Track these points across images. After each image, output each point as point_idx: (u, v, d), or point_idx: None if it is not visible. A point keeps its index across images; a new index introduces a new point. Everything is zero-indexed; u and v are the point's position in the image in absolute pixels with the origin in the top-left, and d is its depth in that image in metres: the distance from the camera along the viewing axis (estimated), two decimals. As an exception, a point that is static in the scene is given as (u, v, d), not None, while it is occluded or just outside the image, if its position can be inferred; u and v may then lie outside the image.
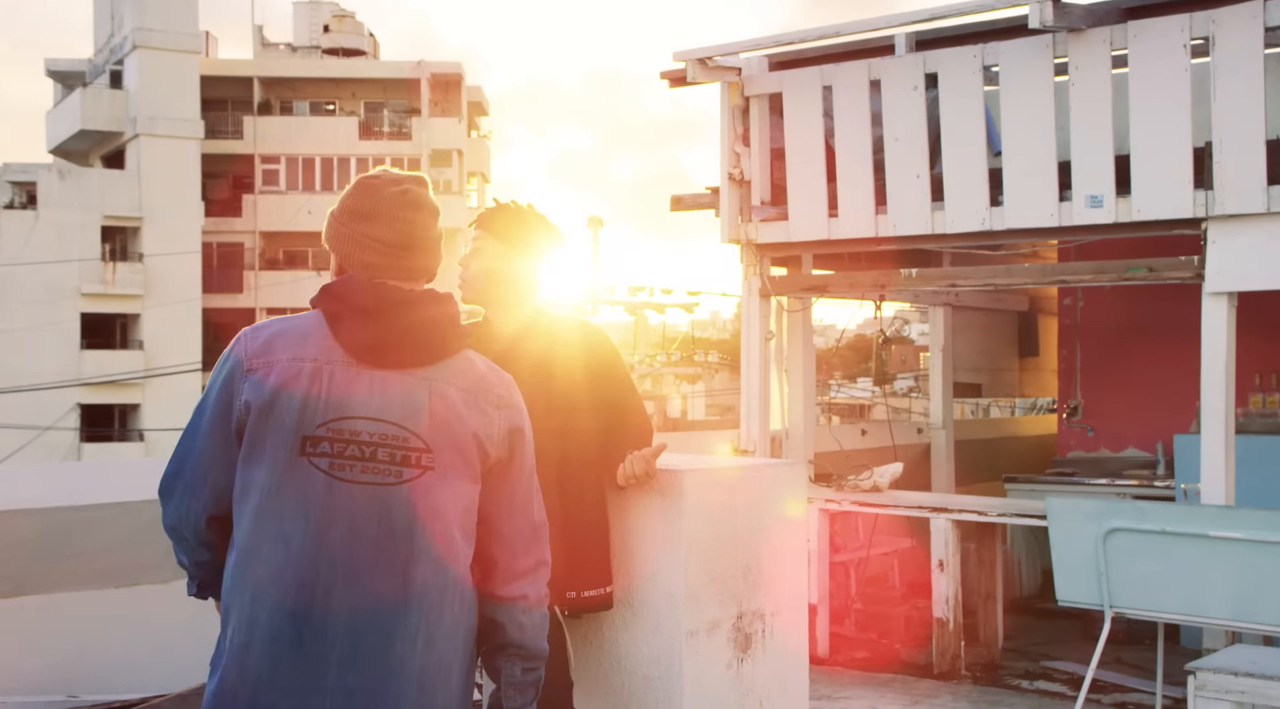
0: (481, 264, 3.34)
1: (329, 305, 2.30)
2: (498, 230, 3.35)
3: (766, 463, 3.74)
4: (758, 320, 6.85)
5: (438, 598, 2.26)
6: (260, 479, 2.19)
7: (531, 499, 2.51)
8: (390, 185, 2.37)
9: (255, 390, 2.19)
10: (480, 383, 2.38)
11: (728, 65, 6.66)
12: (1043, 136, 5.77)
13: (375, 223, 2.34)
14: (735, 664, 3.57)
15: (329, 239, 2.42)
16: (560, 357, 3.36)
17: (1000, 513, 6.21)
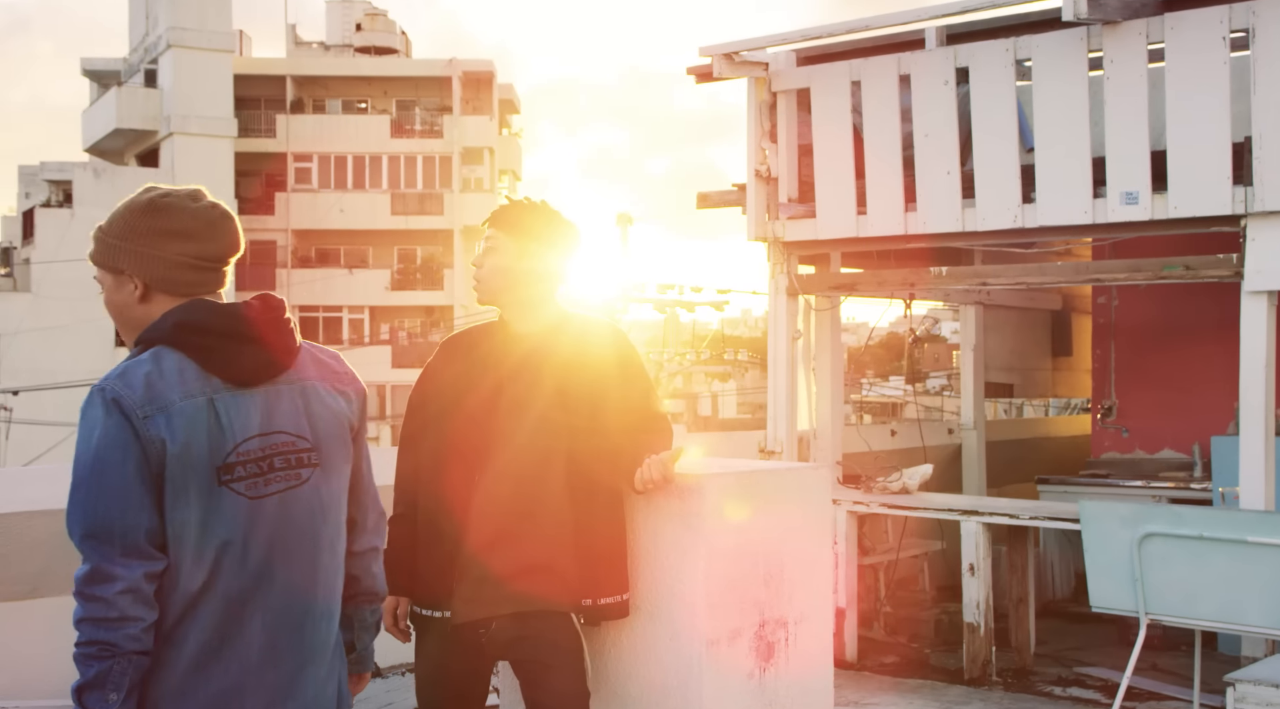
0: (496, 262, 3.26)
1: (192, 339, 2.29)
2: (511, 227, 3.27)
3: (789, 467, 3.65)
4: (785, 319, 6.75)
5: (335, 577, 2.43)
6: (191, 518, 2.21)
7: (364, 457, 2.62)
8: (191, 201, 2.38)
9: (167, 434, 2.20)
10: (328, 369, 2.50)
11: (755, 60, 6.55)
12: (1077, 132, 5.64)
13: (194, 240, 2.36)
14: (757, 674, 3.48)
15: (129, 264, 2.34)
16: (579, 357, 3.28)
17: (1033, 516, 6.08)
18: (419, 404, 3.39)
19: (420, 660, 3.32)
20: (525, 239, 3.25)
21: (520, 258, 3.24)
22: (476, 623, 3.18)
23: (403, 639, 3.34)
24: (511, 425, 3.22)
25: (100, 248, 2.36)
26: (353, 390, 2.52)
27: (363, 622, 2.64)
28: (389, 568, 3.32)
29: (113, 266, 2.35)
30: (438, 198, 40.88)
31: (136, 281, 2.34)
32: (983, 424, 8.46)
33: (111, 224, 2.36)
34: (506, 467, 3.21)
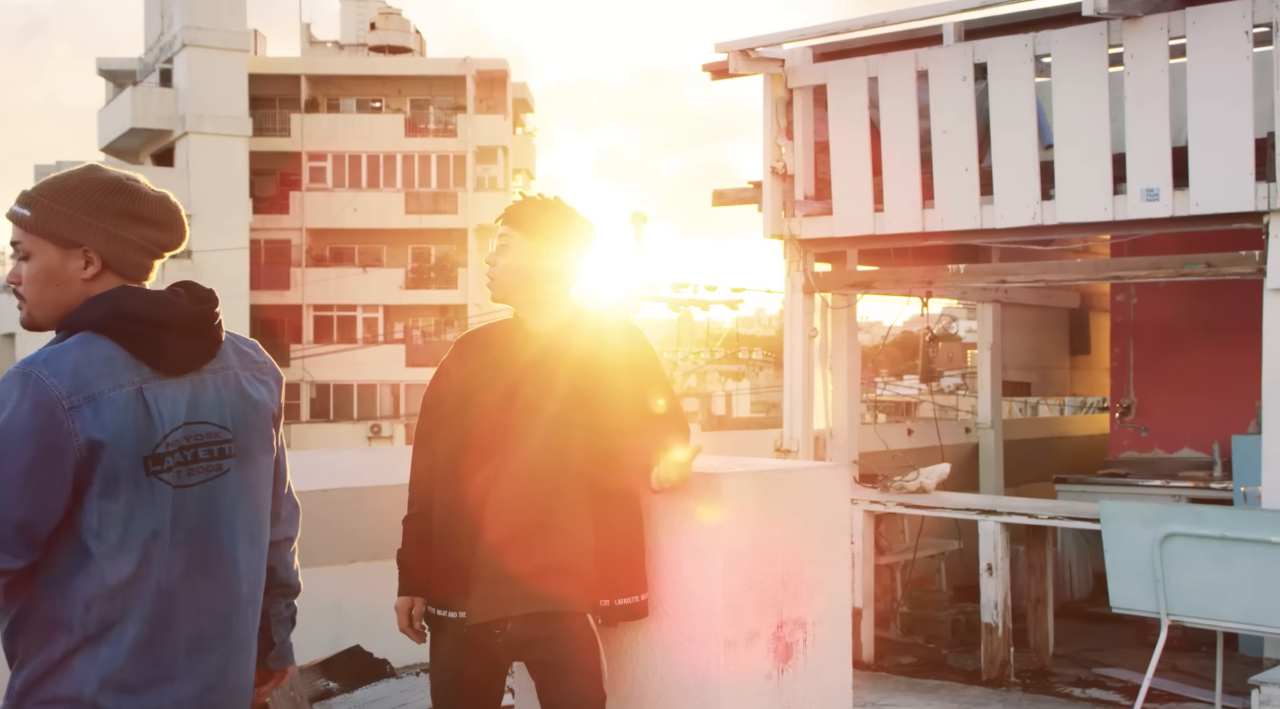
0: (509, 260, 3.23)
1: (127, 327, 2.26)
2: (525, 224, 3.23)
3: (808, 466, 3.61)
4: (801, 317, 6.70)
5: (258, 566, 2.43)
6: (117, 508, 2.19)
7: (282, 447, 2.63)
8: (150, 190, 2.39)
9: (94, 426, 2.16)
10: (249, 359, 2.49)
11: (771, 57, 6.51)
12: (1097, 128, 5.59)
13: (157, 228, 2.35)
14: (775, 675, 3.44)
15: (91, 240, 2.29)
16: (594, 356, 3.24)
17: (1051, 516, 6.03)
18: (433, 403, 3.36)
19: (435, 662, 3.29)
20: (539, 236, 3.21)
21: (534, 256, 3.21)
22: (492, 624, 3.15)
23: (418, 640, 3.31)
24: (526, 424, 3.19)
25: (52, 218, 2.27)
26: (273, 379, 2.52)
27: (279, 615, 2.62)
28: (404, 567, 3.30)
29: (65, 239, 2.28)
30: (452, 197, 40.89)
31: (94, 259, 2.29)
32: (1000, 423, 8.40)
33: (70, 196, 2.29)
34: (522, 466, 3.17)
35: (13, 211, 2.30)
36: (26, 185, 2.45)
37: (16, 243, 2.30)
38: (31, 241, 2.28)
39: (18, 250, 2.30)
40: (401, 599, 3.30)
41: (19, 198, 2.31)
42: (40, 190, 2.31)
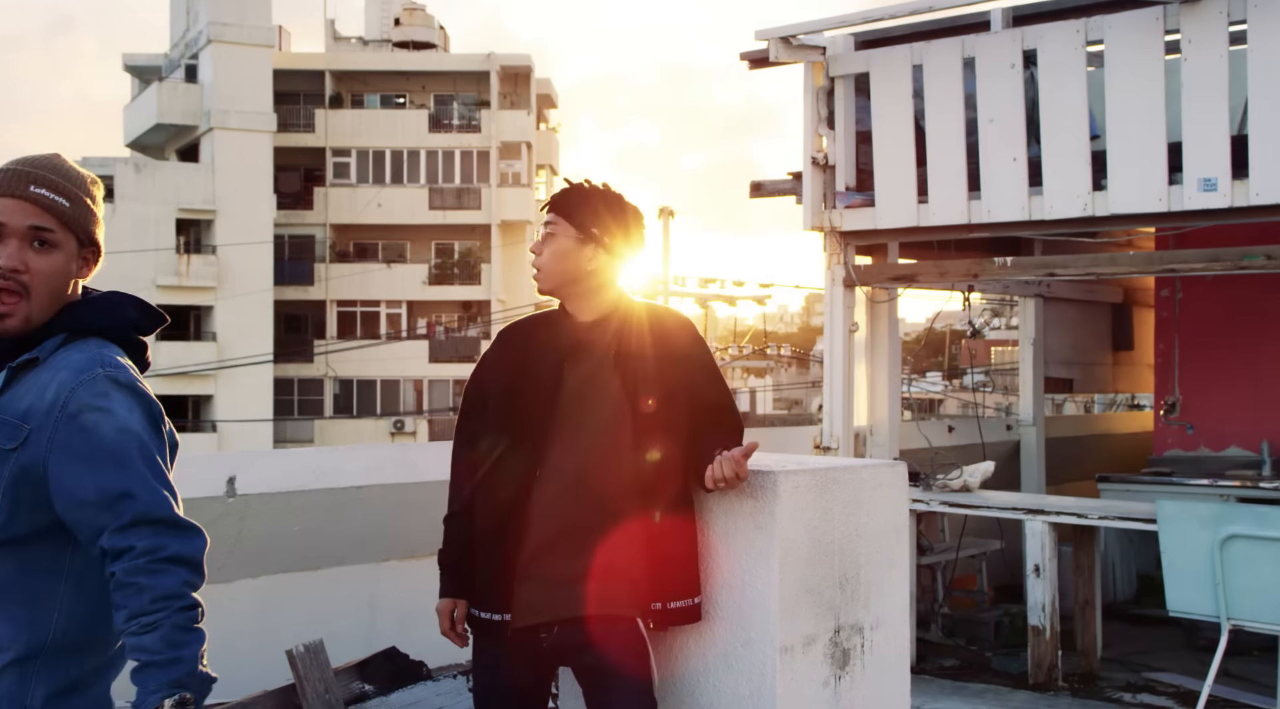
0: (556, 248, 3.09)
1: (133, 337, 2.29)
2: (571, 211, 3.09)
3: (865, 463, 3.45)
4: (841, 312, 6.55)
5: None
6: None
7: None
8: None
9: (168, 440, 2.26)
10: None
11: (812, 44, 6.35)
12: (1151, 116, 5.41)
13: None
14: (832, 683, 3.30)
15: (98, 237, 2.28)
16: (644, 347, 3.09)
17: (1102, 516, 5.85)
18: (475, 397, 3.22)
19: (478, 666, 3.16)
20: (586, 224, 3.07)
21: (581, 244, 3.06)
22: (538, 627, 3.01)
23: (460, 643, 3.18)
24: (574, 419, 3.05)
25: (85, 214, 2.22)
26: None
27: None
28: (445, 568, 3.17)
29: (87, 235, 2.23)
30: (475, 193, 40.84)
31: (90, 258, 2.25)
32: (1042, 420, 8.22)
33: (89, 192, 2.23)
34: (569, 462, 3.03)
35: (47, 198, 2.17)
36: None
37: (43, 230, 2.16)
38: (59, 233, 2.18)
39: (43, 238, 2.16)
40: (443, 601, 3.16)
41: (46, 182, 2.19)
42: (69, 179, 2.21)
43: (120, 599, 2.12)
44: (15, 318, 2.14)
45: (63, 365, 2.16)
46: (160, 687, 2.07)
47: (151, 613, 2.10)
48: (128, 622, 2.10)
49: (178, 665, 2.10)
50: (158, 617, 2.10)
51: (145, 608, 2.10)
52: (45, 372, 2.16)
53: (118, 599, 2.12)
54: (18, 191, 2.17)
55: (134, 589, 2.10)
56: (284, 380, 38.88)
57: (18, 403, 2.15)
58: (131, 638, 2.10)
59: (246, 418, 35.04)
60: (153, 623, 2.09)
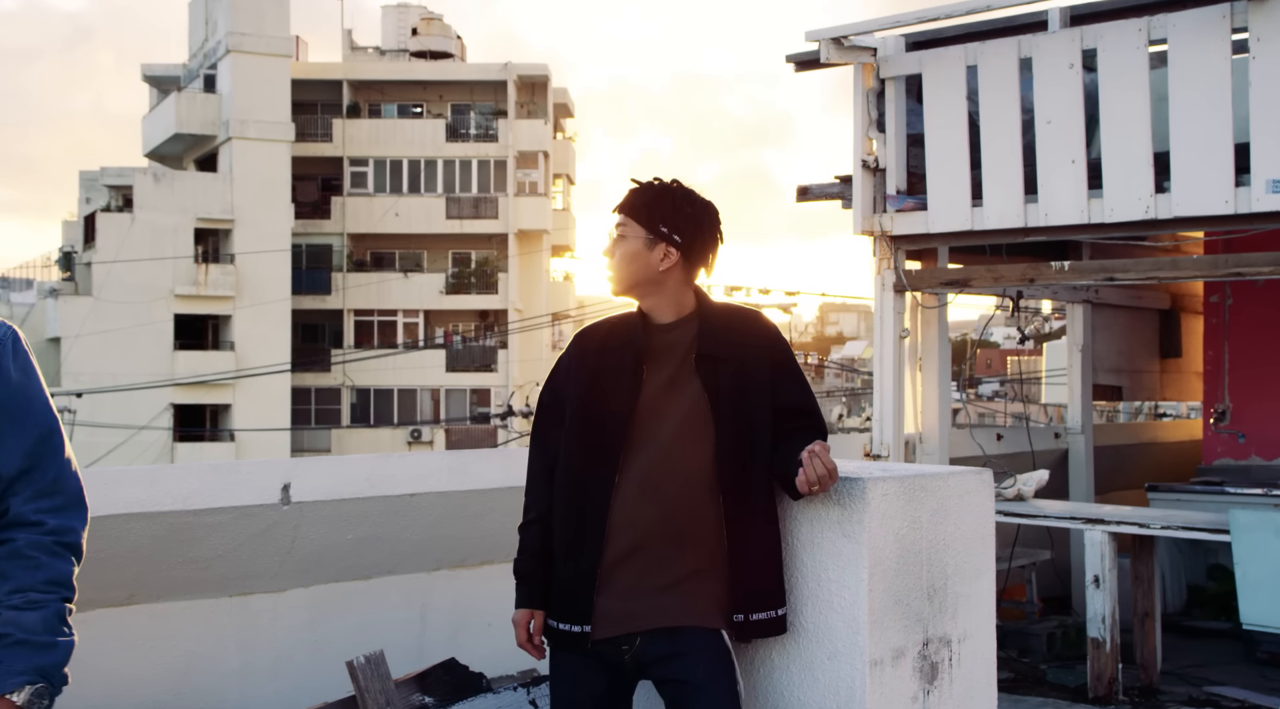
0: (628, 250, 2.98)
1: None
2: (641, 212, 2.98)
3: (951, 471, 3.34)
4: (892, 317, 6.44)
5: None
6: None
7: None
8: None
9: None
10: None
11: (863, 46, 6.25)
12: (1217, 116, 5.29)
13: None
14: (921, 697, 3.18)
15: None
16: (724, 349, 2.99)
17: (1164, 525, 5.72)
18: (551, 402, 3.12)
19: (556, 679, 3.05)
20: (656, 223, 2.97)
21: (653, 245, 2.96)
22: (619, 639, 2.91)
23: (537, 655, 3.07)
24: (653, 424, 2.95)
25: None
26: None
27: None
28: (522, 578, 3.06)
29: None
30: (492, 202, 40.83)
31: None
32: (1090, 428, 8.09)
33: None
34: (650, 468, 2.93)
35: None
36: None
37: None
38: None
39: None
40: (519, 612, 3.06)
41: None
42: None
43: (9, 568, 2.07)
44: None
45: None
46: (28, 669, 2.01)
47: (42, 592, 2.06)
48: (10, 594, 2.05)
49: (51, 652, 2.05)
50: (46, 598, 2.06)
51: (36, 585, 2.06)
52: None
53: (4, 566, 2.07)
54: None
55: (31, 563, 2.06)
56: (301, 390, 38.88)
57: None
58: (9, 610, 2.04)
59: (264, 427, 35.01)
60: (39, 602, 2.05)
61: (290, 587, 4.51)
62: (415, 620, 4.92)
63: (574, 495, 2.97)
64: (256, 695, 4.45)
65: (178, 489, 4.14)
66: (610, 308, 21.72)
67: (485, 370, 40.36)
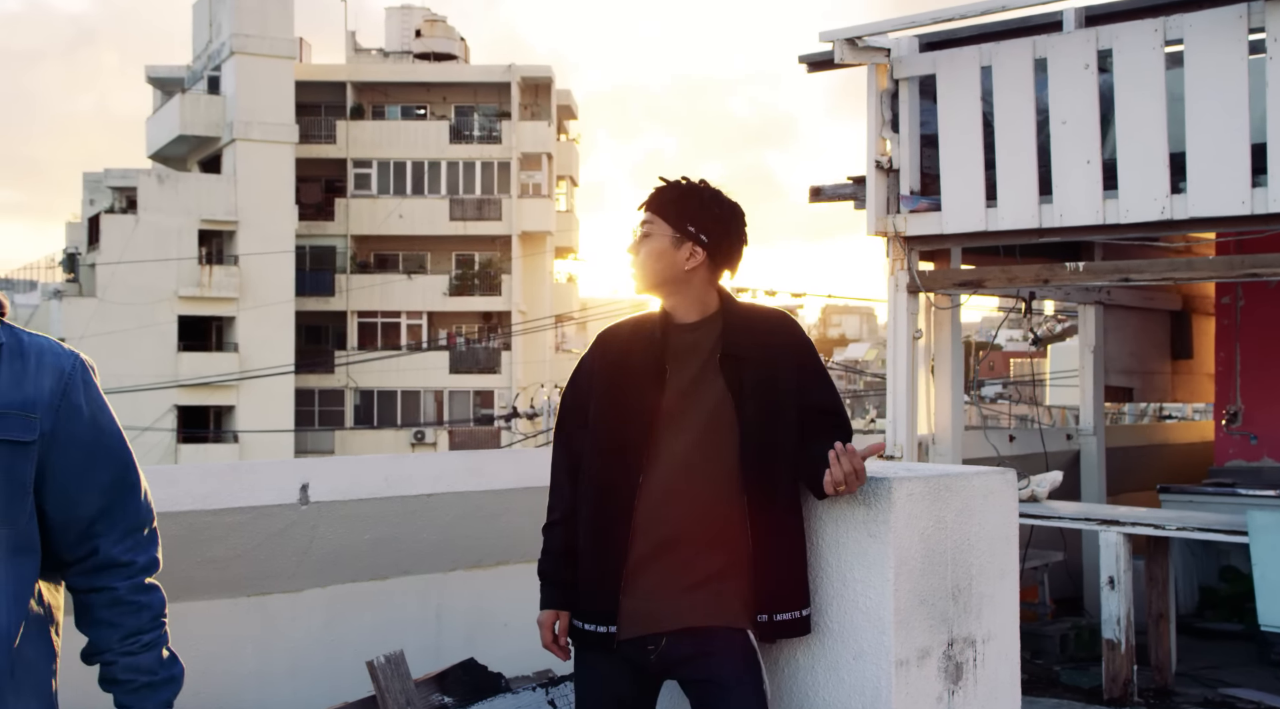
0: (653, 247, 2.98)
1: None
2: (667, 210, 2.98)
3: (976, 470, 3.34)
4: (905, 318, 6.43)
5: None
6: None
7: None
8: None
9: None
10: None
11: (876, 46, 6.24)
12: (1234, 117, 5.28)
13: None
14: (946, 698, 3.18)
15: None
16: (749, 348, 2.98)
17: (1180, 527, 5.71)
18: (574, 403, 3.11)
19: (581, 680, 3.05)
20: (683, 222, 2.96)
21: (679, 243, 2.95)
22: (645, 639, 2.90)
23: (562, 656, 3.07)
24: (678, 423, 2.94)
25: None
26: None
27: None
28: (546, 579, 3.05)
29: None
30: (496, 203, 40.84)
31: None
32: (1102, 429, 8.07)
33: None
34: (674, 468, 2.92)
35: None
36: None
37: None
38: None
39: None
40: (544, 613, 3.05)
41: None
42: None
43: (115, 615, 2.03)
44: None
45: (33, 351, 2.01)
46: (158, 708, 2.03)
47: (150, 630, 2.05)
48: (124, 640, 2.02)
49: (171, 686, 2.07)
50: (156, 635, 2.06)
51: (145, 626, 2.05)
52: (14, 358, 1.98)
53: (111, 615, 2.03)
54: None
55: (134, 607, 2.04)
56: (305, 391, 38.89)
57: (5, 393, 1.96)
58: (127, 658, 2.02)
59: (268, 429, 35.02)
60: (152, 641, 2.05)
61: (308, 587, 4.50)
62: (431, 621, 4.91)
63: (598, 496, 2.97)
64: (274, 695, 4.45)
65: (197, 489, 4.14)
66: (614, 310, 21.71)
67: (489, 372, 40.38)
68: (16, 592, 1.93)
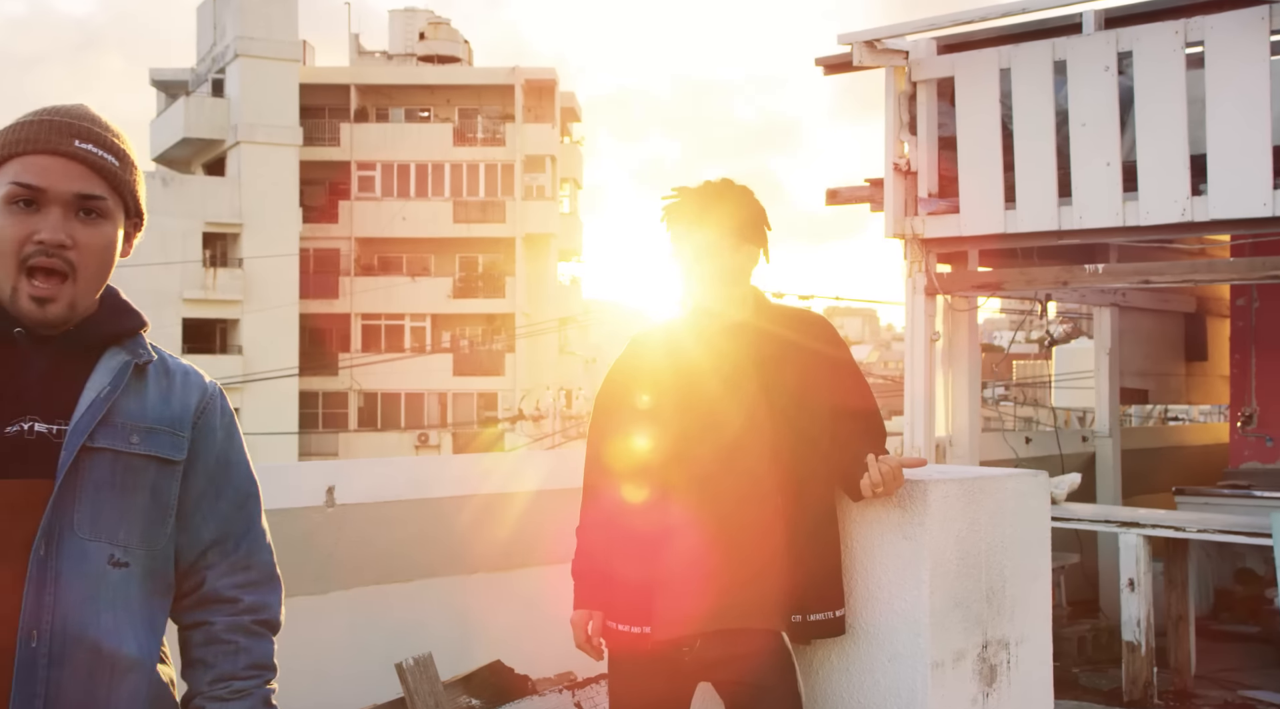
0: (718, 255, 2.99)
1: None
2: (723, 221, 2.99)
3: (1009, 473, 3.34)
4: (923, 320, 6.43)
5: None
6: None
7: None
8: None
9: None
10: None
11: (895, 49, 6.25)
12: (1255, 119, 5.28)
13: None
14: (980, 700, 3.18)
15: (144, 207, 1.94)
16: (783, 349, 2.98)
17: (1200, 529, 5.71)
18: (609, 405, 3.11)
19: (615, 681, 3.05)
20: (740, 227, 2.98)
21: (735, 252, 2.97)
22: (679, 640, 2.90)
23: (596, 656, 3.07)
24: (713, 425, 2.94)
25: (131, 173, 1.86)
26: None
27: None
28: (580, 579, 3.05)
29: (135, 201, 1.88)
30: (500, 206, 40.84)
31: (133, 231, 1.90)
32: (1118, 432, 8.07)
33: (126, 143, 1.87)
34: (709, 469, 2.93)
35: (95, 156, 1.79)
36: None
37: (92, 197, 1.77)
38: (113, 201, 1.81)
39: (91, 207, 1.78)
40: (578, 613, 3.05)
41: (91, 135, 1.80)
42: (111, 131, 1.84)
43: (209, 654, 1.90)
44: (59, 303, 1.76)
45: (178, 370, 1.93)
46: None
47: (245, 679, 1.91)
48: (214, 684, 1.89)
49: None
50: (250, 684, 1.91)
51: (238, 673, 1.90)
52: (160, 375, 1.90)
53: (204, 653, 1.90)
54: (60, 148, 1.77)
55: (230, 648, 1.91)
56: (309, 393, 38.90)
57: (155, 409, 1.86)
58: (214, 703, 1.88)
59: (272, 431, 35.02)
60: (244, 690, 1.90)
61: (332, 589, 4.50)
62: (454, 623, 4.92)
63: (633, 497, 2.97)
64: (298, 697, 4.43)
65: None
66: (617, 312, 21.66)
67: (492, 374, 40.37)
68: (151, 619, 1.83)
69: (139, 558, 1.80)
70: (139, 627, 1.79)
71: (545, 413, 28.65)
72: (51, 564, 1.70)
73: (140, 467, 1.81)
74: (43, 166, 1.74)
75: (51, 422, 1.73)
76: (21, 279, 1.73)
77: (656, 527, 2.92)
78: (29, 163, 1.73)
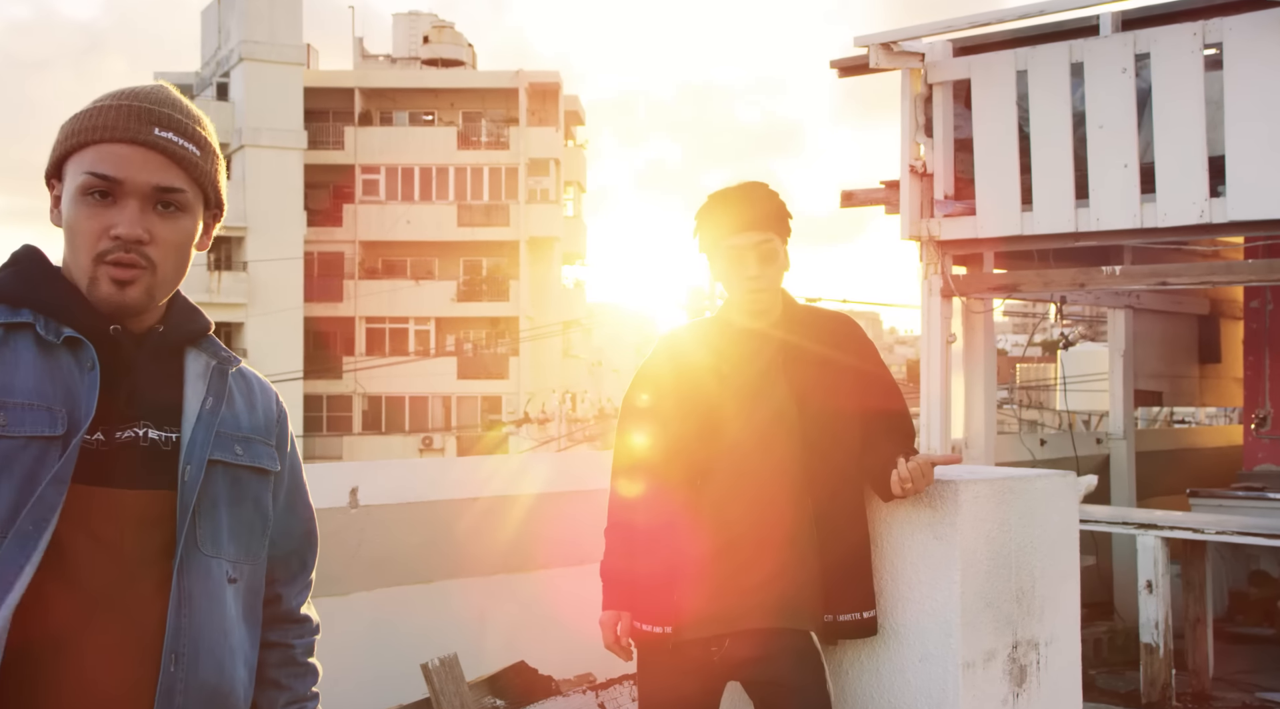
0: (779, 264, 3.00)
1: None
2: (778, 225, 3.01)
3: (1039, 473, 3.34)
4: (939, 322, 6.43)
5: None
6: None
7: None
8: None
9: None
10: None
11: (911, 51, 6.25)
12: (1274, 119, 5.28)
13: None
14: (1010, 700, 3.18)
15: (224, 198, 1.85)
16: (812, 352, 2.99)
17: (1219, 531, 5.71)
18: (638, 407, 3.11)
19: (644, 681, 3.05)
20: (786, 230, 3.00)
21: (776, 254, 2.99)
22: (708, 640, 2.90)
23: (625, 657, 3.06)
24: (741, 425, 2.95)
25: (213, 163, 1.76)
26: None
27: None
28: (609, 579, 3.05)
29: (216, 193, 1.79)
30: (504, 209, 40.86)
31: (212, 222, 1.81)
32: (1132, 434, 8.07)
33: (209, 131, 1.77)
34: (738, 469, 2.93)
35: (175, 145, 1.68)
36: None
37: (172, 190, 1.67)
38: (193, 193, 1.71)
39: (170, 200, 1.68)
40: (607, 613, 3.05)
41: (172, 123, 1.68)
42: (193, 118, 1.73)
43: (285, 677, 1.84)
44: (138, 286, 1.65)
45: (252, 376, 1.85)
46: None
47: (309, 702, 1.88)
48: (287, 706, 1.84)
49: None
50: (310, 705, 1.88)
51: (306, 694, 1.87)
52: (240, 381, 1.82)
53: (280, 675, 1.84)
54: (140, 136, 1.65)
55: (303, 671, 1.88)
56: (313, 397, 38.91)
57: (246, 418, 1.79)
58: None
59: (277, 434, 35.00)
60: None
61: (354, 590, 4.50)
62: (475, 624, 4.92)
63: (662, 497, 2.97)
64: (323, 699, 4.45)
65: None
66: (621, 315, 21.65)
67: (496, 378, 40.37)
68: (254, 637, 1.77)
69: (244, 573, 1.73)
70: (248, 647, 1.75)
71: (550, 416, 28.65)
72: (184, 583, 1.62)
73: (246, 478, 1.74)
74: (120, 156, 1.63)
75: (162, 428, 1.65)
76: (99, 267, 1.63)
77: (684, 527, 2.92)
78: (106, 151, 1.62)
